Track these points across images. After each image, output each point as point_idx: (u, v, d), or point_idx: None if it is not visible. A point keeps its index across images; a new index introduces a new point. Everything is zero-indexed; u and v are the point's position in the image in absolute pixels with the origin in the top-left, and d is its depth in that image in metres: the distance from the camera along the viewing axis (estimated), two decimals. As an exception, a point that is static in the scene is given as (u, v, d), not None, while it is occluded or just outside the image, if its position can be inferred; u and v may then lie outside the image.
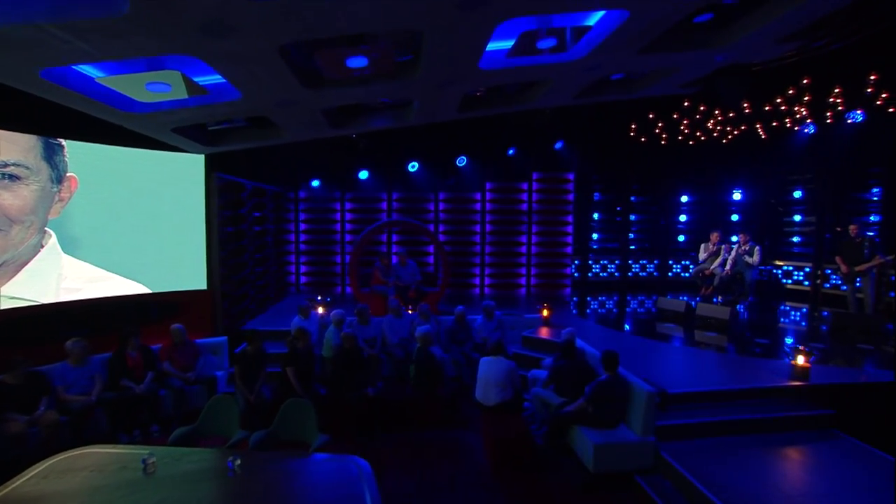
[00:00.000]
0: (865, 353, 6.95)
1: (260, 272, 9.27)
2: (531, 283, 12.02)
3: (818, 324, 8.98)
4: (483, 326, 7.73)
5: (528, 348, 7.67)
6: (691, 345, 7.53)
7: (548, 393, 5.65)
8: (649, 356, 6.83)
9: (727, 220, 12.81)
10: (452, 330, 7.57)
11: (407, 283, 9.06)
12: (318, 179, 11.56)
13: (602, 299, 11.54)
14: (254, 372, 5.51)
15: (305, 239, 11.89)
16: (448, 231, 11.96)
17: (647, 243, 13.20)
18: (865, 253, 8.53)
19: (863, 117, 9.73)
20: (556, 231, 11.95)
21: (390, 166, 11.65)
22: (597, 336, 7.63)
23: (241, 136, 6.32)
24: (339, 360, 5.84)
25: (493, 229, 11.93)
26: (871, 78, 7.02)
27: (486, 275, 12.00)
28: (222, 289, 6.96)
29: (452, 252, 11.88)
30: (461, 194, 11.91)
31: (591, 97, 6.80)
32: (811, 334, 8.01)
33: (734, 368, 6.23)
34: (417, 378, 6.10)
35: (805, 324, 9.20)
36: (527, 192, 11.88)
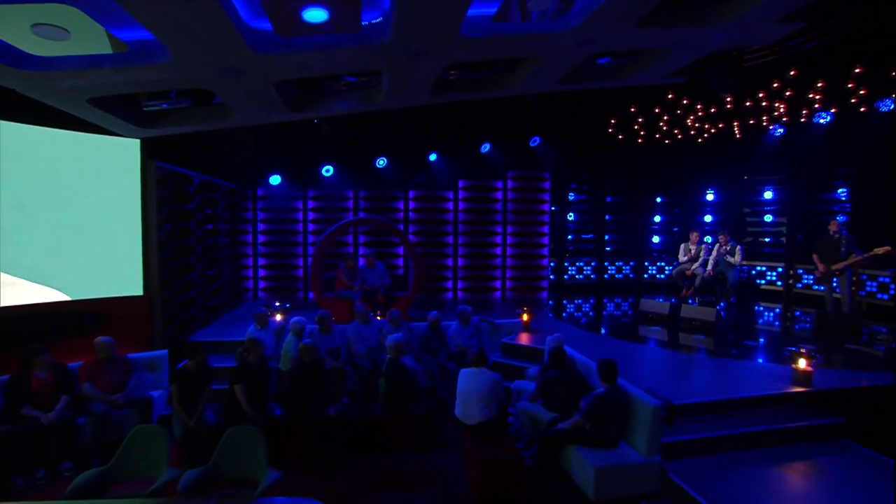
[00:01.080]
0: (859, 353, 6.70)
1: (211, 276, 8.32)
2: (507, 286, 11.46)
3: (799, 324, 8.78)
4: (458, 333, 7.08)
5: (509, 356, 7.06)
6: (679, 349, 7.10)
7: (536, 407, 5.04)
8: (637, 362, 6.34)
9: (701, 221, 12.70)
10: (425, 337, 6.89)
11: (375, 287, 8.31)
12: (279, 175, 10.66)
13: (579, 302, 11.11)
14: (195, 392, 4.65)
15: (264, 240, 10.94)
16: (419, 232, 11.27)
17: (623, 245, 12.91)
18: (842, 251, 8.40)
19: (830, 118, 9.78)
20: (533, 232, 11.46)
21: (357, 162, 10.88)
22: (578, 341, 7.08)
23: (182, 117, 5.45)
24: (296, 374, 5.04)
25: (466, 230, 11.32)
26: (855, 71, 6.84)
27: (460, 278, 11.37)
28: (162, 295, 6.03)
29: (424, 254, 11.19)
30: (433, 192, 11.25)
31: (575, 83, 6.29)
32: (801, 335, 7.73)
33: (731, 374, 5.80)
34: (388, 393, 5.37)
35: (780, 324, 9.00)
36: (501, 191, 11.34)
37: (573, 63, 5.38)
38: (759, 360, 6.48)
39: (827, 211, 10.69)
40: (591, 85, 6.60)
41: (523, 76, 5.73)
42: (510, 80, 6.05)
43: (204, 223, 7.98)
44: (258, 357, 4.91)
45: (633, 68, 6.28)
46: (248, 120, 5.77)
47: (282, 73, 4.35)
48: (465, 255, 11.36)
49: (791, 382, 5.36)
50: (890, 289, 9.51)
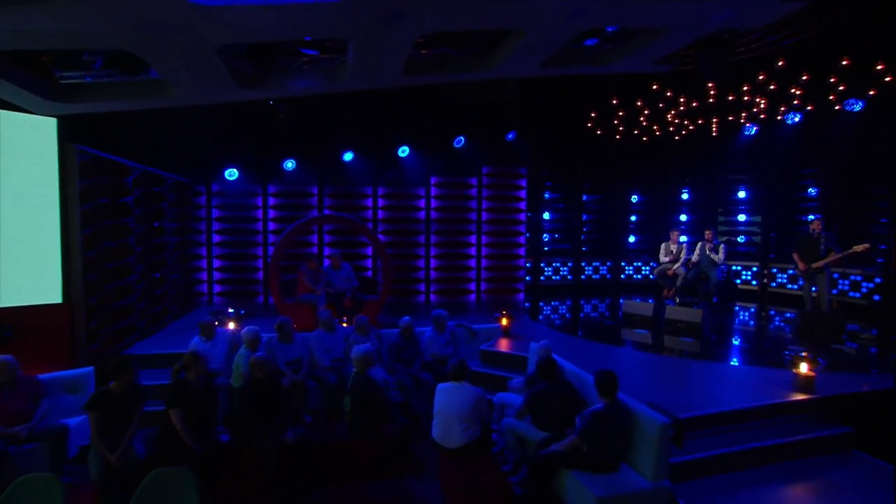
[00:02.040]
0: (848, 354, 6.45)
1: (156, 279, 7.41)
2: (482, 288, 10.91)
3: (782, 325, 8.58)
4: (433, 340, 6.45)
5: (489, 365, 6.48)
6: (668, 353, 6.70)
7: (524, 425, 4.47)
8: (625, 369, 5.87)
9: (677, 220, 12.52)
10: (397, 346, 6.23)
11: (341, 291, 7.59)
12: (236, 170, 9.77)
13: (555, 304, 10.67)
14: (121, 419, 3.85)
15: (220, 240, 10.02)
16: (389, 231, 10.59)
17: (600, 244, 12.58)
18: (822, 249, 8.25)
19: (801, 118, 9.73)
20: (508, 231, 10.95)
21: (321, 155, 10.11)
22: (560, 346, 6.58)
23: (108, 91, 4.61)
24: (247, 394, 4.30)
25: (439, 229, 10.71)
26: (843, 63, 6.64)
27: (433, 280, 10.75)
28: (87, 302, 5.14)
29: (394, 255, 10.51)
30: (403, 189, 10.59)
31: (560, 67, 5.79)
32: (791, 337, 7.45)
33: (728, 381, 5.39)
34: (354, 413, 4.69)
35: (763, 325, 8.78)
36: (476, 188, 10.79)
37: (561, 39, 4.86)
38: (755, 364, 6.13)
39: (799, 210, 10.66)
40: (576, 70, 6.12)
41: (507, 55, 5.17)
42: (491, 60, 5.49)
43: (147, 220, 7.07)
44: (200, 374, 4.14)
45: (622, 52, 5.83)
46: (191, 98, 4.99)
47: (224, 36, 3.63)
48: (438, 256, 10.74)
49: (793, 388, 4.99)
50: (862, 287, 9.49)
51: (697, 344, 7.03)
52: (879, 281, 9.16)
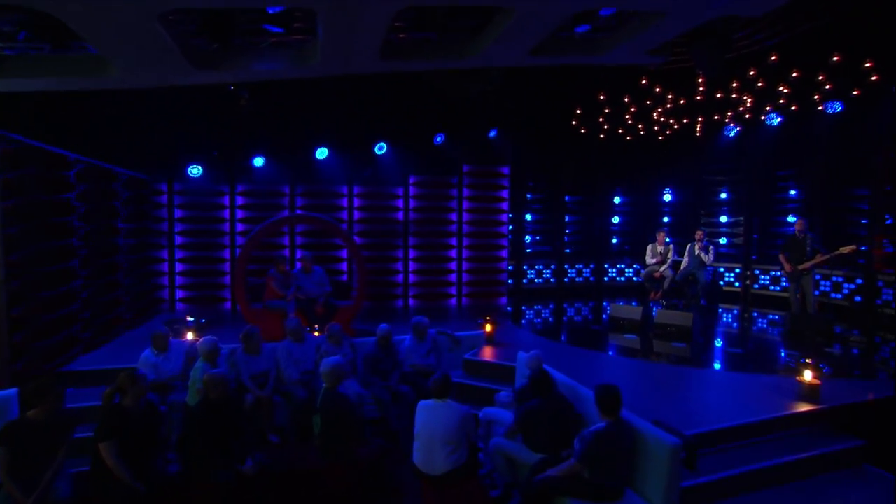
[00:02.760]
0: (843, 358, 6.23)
1: (105, 285, 6.71)
2: (463, 292, 10.46)
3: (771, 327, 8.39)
4: (413, 350, 5.97)
5: (473, 376, 6.02)
6: (660, 360, 6.36)
7: (515, 446, 4.02)
8: (616, 379, 5.49)
9: (659, 222, 12.32)
10: (373, 357, 5.72)
11: (312, 296, 7.03)
12: (200, 166, 9.09)
13: (538, 308, 10.30)
14: (41, 453, 3.24)
15: (183, 242, 9.31)
16: (365, 232, 10.05)
17: (583, 246, 12.28)
18: (808, 251, 8.11)
19: (780, 119, 9.65)
20: (491, 233, 10.54)
21: (293, 152, 9.51)
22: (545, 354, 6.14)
23: (33, 66, 3.98)
24: (198, 418, 3.72)
25: (418, 230, 10.23)
26: (833, 59, 6.46)
27: (411, 284, 10.24)
28: (11, 313, 4.45)
29: (371, 258, 9.98)
30: (380, 189, 10.07)
31: (549, 55, 5.39)
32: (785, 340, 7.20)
33: (728, 389, 5.07)
34: (324, 434, 4.15)
35: (751, 328, 8.59)
36: (457, 188, 10.35)
37: (553, 22, 4.46)
38: (752, 371, 5.83)
39: (780, 211, 10.58)
40: (566, 60, 5.73)
41: (492, 39, 4.74)
42: (475, 46, 5.05)
43: (94, 220, 6.38)
44: (138, 398, 3.55)
45: (614, 41, 5.46)
46: (137, 79, 4.39)
47: (165, 0, 3.08)
48: (417, 259, 10.25)
49: (797, 397, 4.69)
50: (843, 288, 9.42)
51: (690, 349, 6.72)
52: (861, 282, 9.10)
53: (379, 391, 5.55)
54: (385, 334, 5.77)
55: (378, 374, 5.71)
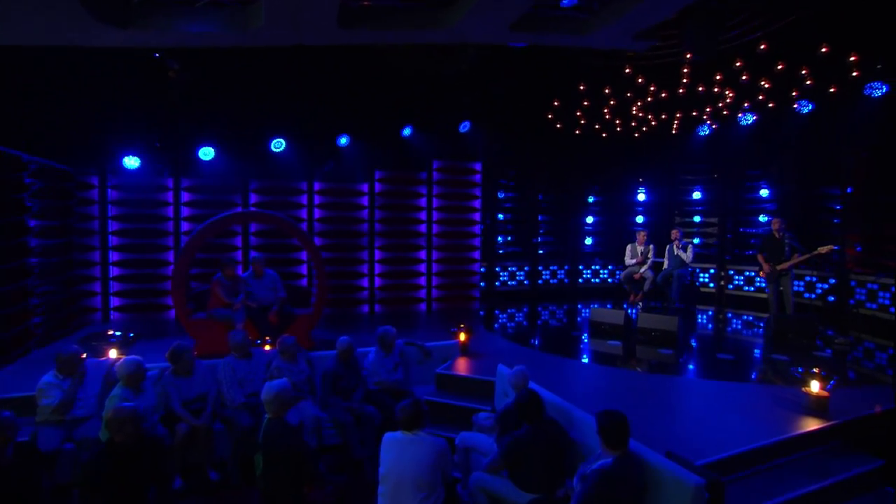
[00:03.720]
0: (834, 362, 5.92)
1: (8, 293, 5.69)
2: (433, 296, 9.80)
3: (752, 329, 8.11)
4: (379, 364, 5.25)
5: (448, 393, 5.36)
6: (646, 368, 5.89)
7: (500, 483, 3.39)
8: (601, 391, 5.01)
9: (632, 221, 12.04)
10: (333, 373, 4.99)
11: (265, 304, 6.22)
12: (138, 157, 8.07)
13: (512, 311, 9.76)
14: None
15: (119, 243, 8.28)
16: (326, 232, 9.25)
17: (557, 247, 11.84)
18: (786, 251, 7.90)
19: (753, 119, 9.54)
20: (462, 232, 9.93)
21: (246, 143, 8.62)
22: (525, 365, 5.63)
23: None
24: (96, 470, 2.90)
25: (385, 230, 9.50)
26: (822, 50, 6.18)
27: (377, 288, 9.51)
28: None
29: (332, 260, 9.20)
30: (343, 185, 9.30)
31: (531, 31, 4.82)
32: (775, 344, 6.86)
33: (725, 402, 4.60)
34: (269, 474, 3.41)
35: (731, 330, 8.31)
36: (426, 184, 9.68)
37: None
38: (748, 381, 5.43)
39: (752, 211, 10.48)
40: (549, 39, 5.17)
41: (468, 8, 4.11)
42: (449, 16, 4.41)
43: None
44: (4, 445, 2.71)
45: (601, 21, 4.95)
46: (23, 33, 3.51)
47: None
48: (383, 261, 9.52)
49: (803, 410, 4.28)
50: (817, 288, 9.32)
51: (677, 356, 6.30)
52: (834, 282, 9.00)
53: (340, 413, 4.83)
54: (346, 348, 5.04)
55: (339, 393, 4.98)
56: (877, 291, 8.27)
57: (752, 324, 8.59)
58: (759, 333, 7.69)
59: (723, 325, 8.64)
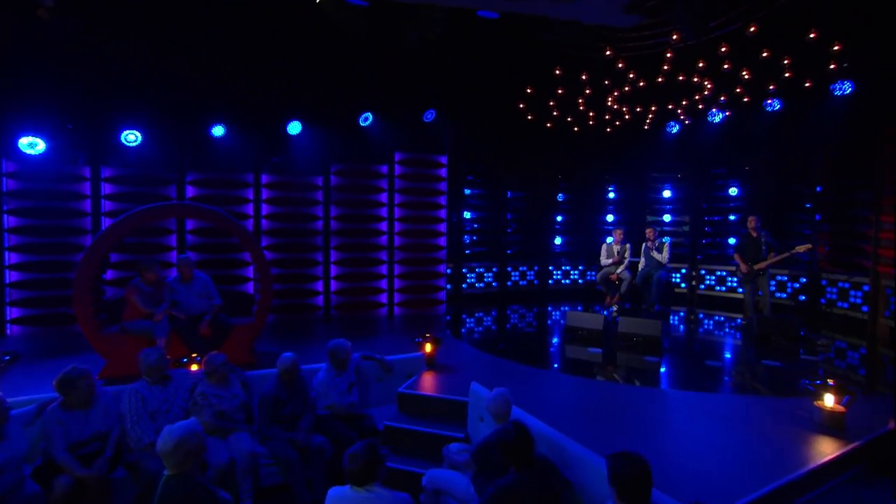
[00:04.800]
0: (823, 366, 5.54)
1: None
2: (395, 300, 8.98)
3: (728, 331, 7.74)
4: (329, 385, 4.42)
5: (412, 417, 4.56)
6: (632, 379, 5.30)
7: (482, 546, 2.65)
8: (586, 409, 4.36)
9: (603, 220, 11.64)
10: (273, 398, 4.12)
11: (195, 313, 5.25)
12: (44, 139, 6.86)
13: (480, 315, 9.08)
14: None
15: (20, 242, 7.02)
16: (276, 231, 8.28)
17: (525, 247, 11.26)
18: (763, 250, 7.63)
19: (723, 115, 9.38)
20: (426, 231, 9.16)
21: (181, 127, 7.57)
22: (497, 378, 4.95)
23: None
24: None
25: (341, 228, 8.62)
26: (810, 35, 5.83)
27: (333, 292, 8.60)
28: None
29: (282, 261, 8.25)
30: (295, 178, 8.36)
31: None
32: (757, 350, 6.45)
33: (728, 421, 4.04)
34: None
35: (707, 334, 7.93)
36: (387, 178, 8.86)
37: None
38: (745, 392, 4.92)
39: (722, 210, 10.28)
40: (533, 7, 4.50)
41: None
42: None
43: None
44: None
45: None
46: None
47: None
48: (340, 262, 8.63)
49: (817, 428, 3.78)
50: (788, 287, 9.16)
51: (664, 364, 5.77)
52: (805, 281, 8.84)
53: (282, 447, 3.98)
54: (288, 366, 4.18)
55: (281, 421, 4.12)
56: (848, 290, 8.14)
57: (730, 326, 8.25)
58: (741, 336, 7.30)
59: (700, 328, 8.25)
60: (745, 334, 7.23)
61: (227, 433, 3.85)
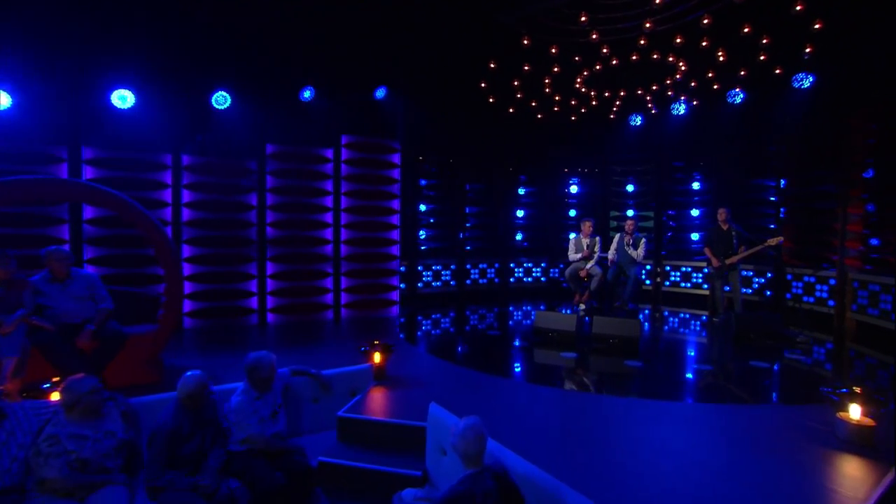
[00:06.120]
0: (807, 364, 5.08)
1: None
2: (342, 301, 7.96)
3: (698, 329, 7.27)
4: (246, 411, 3.38)
5: (356, 449, 3.59)
6: (617, 390, 4.60)
7: None
8: (577, 433, 3.60)
9: (565, 215, 11.10)
10: (171, 433, 3.06)
11: (72, 321, 4.06)
12: None
13: (437, 317, 8.23)
14: None
15: None
16: (200, 221, 7.07)
17: (485, 243, 10.51)
18: (734, 243, 7.27)
19: (686, 108, 9.13)
20: (378, 223, 8.20)
21: (76, 91, 6.21)
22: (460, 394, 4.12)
23: None
24: None
25: (279, 219, 7.51)
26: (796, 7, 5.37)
27: (269, 292, 7.48)
28: None
29: (208, 257, 7.06)
30: (224, 160, 7.18)
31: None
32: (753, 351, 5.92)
33: (748, 439, 3.38)
34: None
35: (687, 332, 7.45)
36: (332, 163, 7.83)
37: None
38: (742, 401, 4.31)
39: (685, 204, 9.99)
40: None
41: None
42: None
43: None
44: None
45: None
46: None
47: None
48: (277, 259, 7.52)
49: (841, 443, 3.18)
50: (753, 283, 8.92)
51: (648, 370, 5.11)
52: (771, 276, 8.61)
53: (180, 499, 2.93)
54: (192, 389, 3.13)
55: (180, 464, 3.07)
56: (814, 285, 7.93)
57: (702, 324, 7.81)
58: (719, 335, 6.81)
59: (666, 326, 7.76)
60: (722, 333, 6.77)
61: (90, 491, 2.76)
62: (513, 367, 5.40)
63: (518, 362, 5.60)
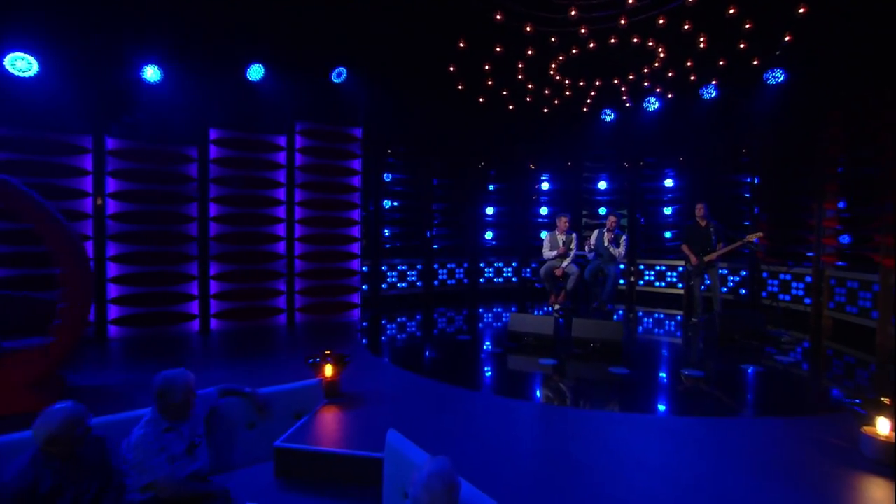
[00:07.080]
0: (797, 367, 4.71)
1: None
2: (296, 304, 7.19)
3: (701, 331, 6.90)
4: (149, 449, 2.59)
5: (296, 490, 2.91)
6: (605, 404, 4.08)
7: None
8: (565, 463, 3.04)
9: (536, 213, 10.65)
10: (31, 487, 2.26)
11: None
12: None
13: (403, 320, 7.59)
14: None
15: None
16: (129, 215, 6.17)
17: (453, 241, 9.92)
18: (713, 240, 6.97)
19: (659, 104, 8.93)
20: (337, 219, 7.47)
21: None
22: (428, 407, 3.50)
23: None
24: None
25: (223, 213, 6.69)
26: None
27: (213, 295, 6.64)
28: None
29: (140, 255, 6.16)
30: (158, 145, 6.30)
31: None
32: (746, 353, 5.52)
33: (759, 462, 2.89)
34: None
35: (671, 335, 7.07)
36: (286, 152, 7.06)
37: None
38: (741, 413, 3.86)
39: (659, 201, 9.74)
40: None
41: None
42: None
43: None
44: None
45: None
46: None
47: None
48: (221, 257, 6.68)
49: (868, 464, 2.73)
50: (729, 281, 8.71)
51: (634, 377, 4.61)
52: (745, 274, 8.41)
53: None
54: (55, 432, 2.31)
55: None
56: (790, 282, 7.75)
57: (681, 325, 7.46)
58: (702, 336, 6.43)
59: (641, 327, 7.37)
60: (705, 334, 6.40)
61: None
62: (486, 377, 4.81)
63: (492, 371, 5.01)
